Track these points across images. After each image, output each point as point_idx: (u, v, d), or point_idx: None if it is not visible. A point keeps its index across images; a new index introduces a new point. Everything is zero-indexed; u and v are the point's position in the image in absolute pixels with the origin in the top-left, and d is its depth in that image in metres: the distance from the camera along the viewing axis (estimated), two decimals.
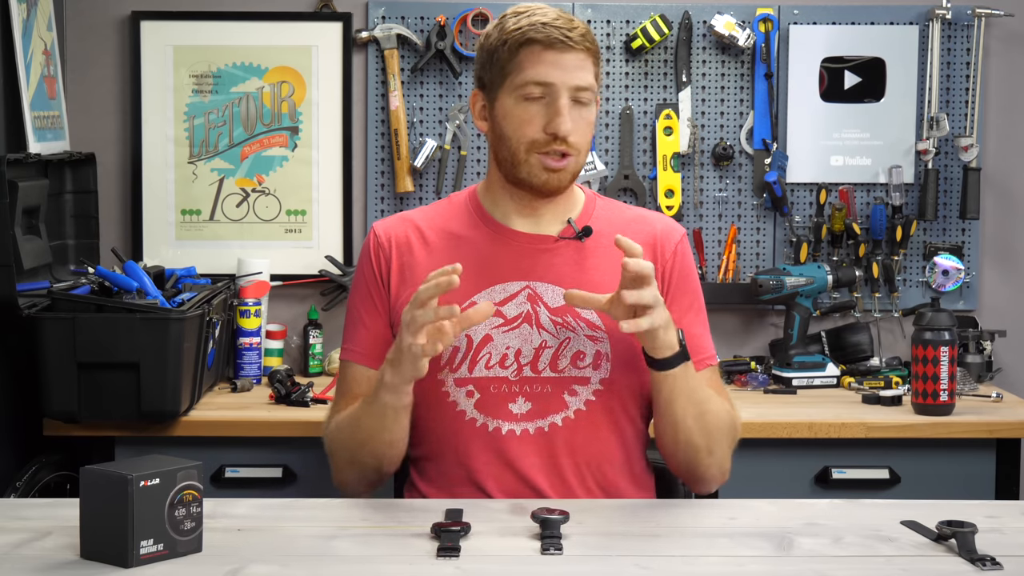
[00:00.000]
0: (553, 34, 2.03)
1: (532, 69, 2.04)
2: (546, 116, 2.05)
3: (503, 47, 2.07)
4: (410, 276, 2.14)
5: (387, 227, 2.20)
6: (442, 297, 2.01)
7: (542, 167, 2.07)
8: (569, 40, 2.04)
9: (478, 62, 2.14)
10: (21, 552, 1.70)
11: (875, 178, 3.44)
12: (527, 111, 2.06)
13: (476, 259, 2.12)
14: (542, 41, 2.04)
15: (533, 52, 2.04)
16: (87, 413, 2.77)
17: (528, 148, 2.06)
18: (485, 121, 2.14)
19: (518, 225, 2.15)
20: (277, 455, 2.89)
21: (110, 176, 3.41)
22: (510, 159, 2.09)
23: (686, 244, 2.21)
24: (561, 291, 2.10)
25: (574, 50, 2.04)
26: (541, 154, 2.06)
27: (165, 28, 3.40)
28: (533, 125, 2.05)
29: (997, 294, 3.50)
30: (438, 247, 2.16)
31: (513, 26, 2.07)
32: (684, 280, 2.18)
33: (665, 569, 1.67)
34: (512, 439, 2.08)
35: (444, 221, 2.19)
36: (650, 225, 2.20)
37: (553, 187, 2.10)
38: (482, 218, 2.16)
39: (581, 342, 2.09)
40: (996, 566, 1.66)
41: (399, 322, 2.12)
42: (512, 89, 2.06)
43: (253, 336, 3.25)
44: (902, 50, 3.43)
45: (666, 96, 3.44)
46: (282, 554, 1.70)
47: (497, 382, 2.08)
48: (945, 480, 2.91)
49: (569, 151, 2.06)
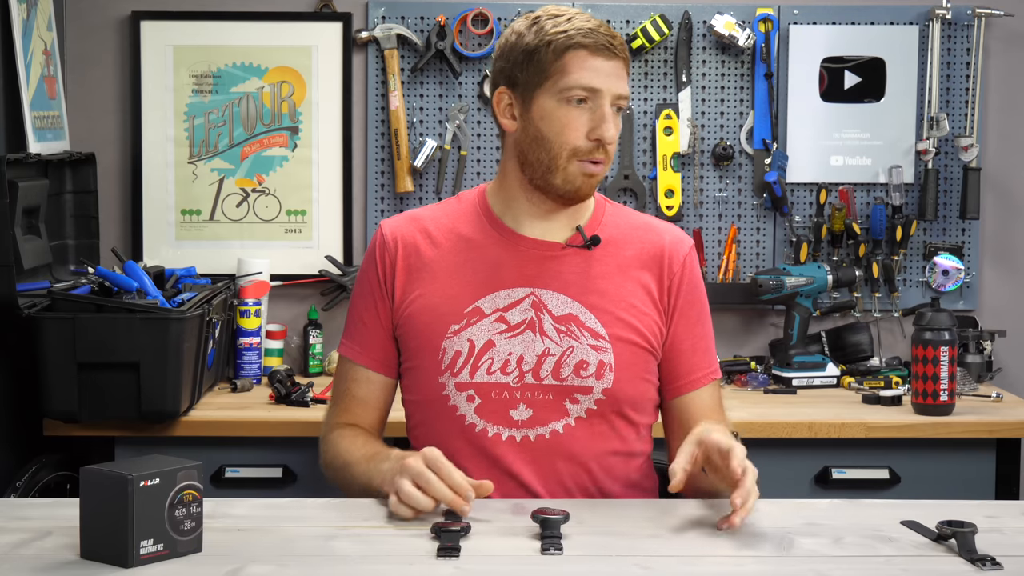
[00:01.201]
0: (601, 40, 2.03)
1: (579, 73, 2.03)
2: (591, 122, 2.04)
3: (547, 48, 2.04)
4: (416, 277, 2.13)
5: (394, 227, 2.18)
6: (447, 297, 2.03)
7: (581, 173, 2.06)
8: (613, 48, 2.04)
9: (506, 60, 2.10)
10: (21, 552, 1.70)
11: (875, 178, 3.44)
12: (570, 114, 2.04)
13: (482, 264, 2.12)
14: (589, 47, 2.03)
15: (579, 56, 2.03)
16: (87, 413, 2.77)
17: (571, 154, 2.05)
18: (513, 120, 2.11)
19: (527, 230, 2.13)
20: (277, 455, 2.89)
21: (110, 176, 3.41)
22: (547, 163, 2.07)
23: (694, 256, 2.20)
24: (566, 299, 2.10)
25: (617, 58, 2.05)
26: (581, 161, 2.05)
27: (165, 28, 3.40)
28: (577, 131, 2.04)
29: (997, 294, 3.50)
30: (445, 249, 2.14)
31: (556, 28, 2.05)
32: (692, 293, 2.17)
33: (665, 569, 1.66)
34: (512, 445, 2.08)
35: (452, 222, 2.17)
36: (658, 235, 2.18)
37: (585, 194, 2.09)
38: (490, 221, 2.15)
39: (584, 351, 2.08)
40: (996, 566, 1.66)
41: (403, 322, 2.12)
42: (556, 92, 2.04)
43: (253, 336, 3.25)
44: (902, 50, 3.43)
45: (666, 96, 3.44)
46: (282, 554, 1.70)
47: (498, 388, 2.08)
48: (945, 480, 2.91)
49: (607, 159, 2.07)
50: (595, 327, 2.09)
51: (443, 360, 2.08)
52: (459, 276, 2.12)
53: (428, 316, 2.10)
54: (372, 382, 2.17)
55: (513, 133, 2.11)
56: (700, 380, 2.16)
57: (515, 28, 2.11)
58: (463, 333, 2.08)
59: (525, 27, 2.09)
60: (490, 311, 2.09)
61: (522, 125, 2.09)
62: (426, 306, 2.10)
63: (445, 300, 2.11)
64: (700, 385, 2.16)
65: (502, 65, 2.12)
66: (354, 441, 2.12)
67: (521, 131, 2.10)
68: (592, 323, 2.09)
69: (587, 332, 2.09)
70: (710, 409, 2.16)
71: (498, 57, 2.13)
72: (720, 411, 2.19)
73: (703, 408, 2.16)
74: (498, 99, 2.12)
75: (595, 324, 2.09)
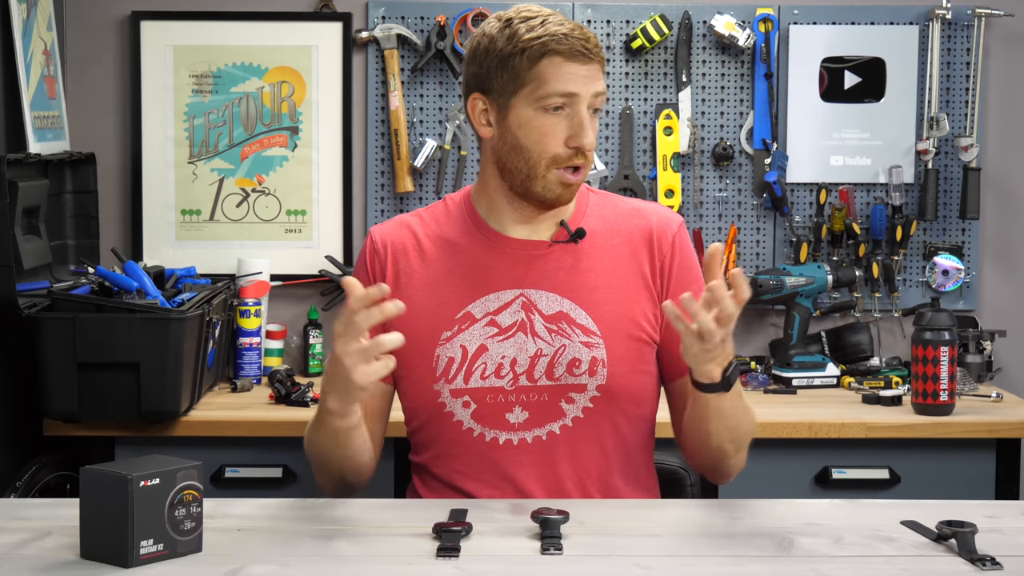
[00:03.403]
0: (575, 46, 2.01)
1: (555, 81, 2.01)
2: (569, 129, 2.02)
3: (521, 55, 2.01)
4: (406, 283, 2.12)
5: (384, 232, 2.17)
6: (438, 303, 2.02)
7: (559, 182, 2.04)
8: (588, 52, 2.02)
9: (479, 65, 2.06)
10: (21, 552, 1.70)
11: (875, 178, 3.44)
12: (547, 123, 2.02)
13: (470, 267, 2.11)
14: (564, 53, 2.01)
15: (554, 63, 2.01)
16: (87, 413, 2.77)
17: (549, 163, 2.03)
18: (489, 127, 2.08)
19: (513, 232, 2.12)
20: (277, 455, 2.89)
21: (110, 176, 3.41)
22: (526, 171, 2.05)
23: (684, 234, 2.17)
24: (555, 297, 2.09)
25: (592, 61, 2.03)
26: (560, 169, 2.04)
27: (165, 28, 3.40)
28: (556, 138, 2.02)
29: (997, 294, 3.50)
30: (433, 255, 2.13)
31: (531, 34, 2.02)
32: (685, 271, 2.15)
33: (665, 569, 1.67)
34: (510, 449, 2.07)
35: (440, 227, 2.16)
36: (645, 218, 2.16)
37: (565, 201, 2.08)
38: (476, 225, 2.14)
39: (576, 349, 2.07)
40: (996, 566, 1.66)
41: (394, 330, 2.10)
42: (533, 100, 2.02)
43: (253, 336, 3.25)
44: (902, 50, 3.43)
45: (666, 96, 3.44)
46: (282, 554, 1.70)
47: (493, 392, 2.07)
48: (945, 480, 2.91)
49: (586, 163, 2.06)
50: (586, 323, 2.08)
51: (437, 367, 2.07)
52: (448, 282, 2.11)
53: (420, 324, 2.08)
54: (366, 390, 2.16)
55: (490, 140, 2.09)
56: None
57: (486, 31, 2.07)
58: (456, 339, 2.08)
59: (497, 31, 2.05)
60: (481, 316, 2.08)
61: (499, 132, 2.07)
62: (417, 313, 2.08)
63: (436, 307, 2.09)
64: None
65: (475, 70, 2.08)
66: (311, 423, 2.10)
67: (499, 138, 2.07)
68: (583, 319, 2.08)
69: (578, 329, 2.08)
70: None
71: (470, 62, 2.09)
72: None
73: None
74: (472, 105, 2.09)
75: (586, 320, 2.08)
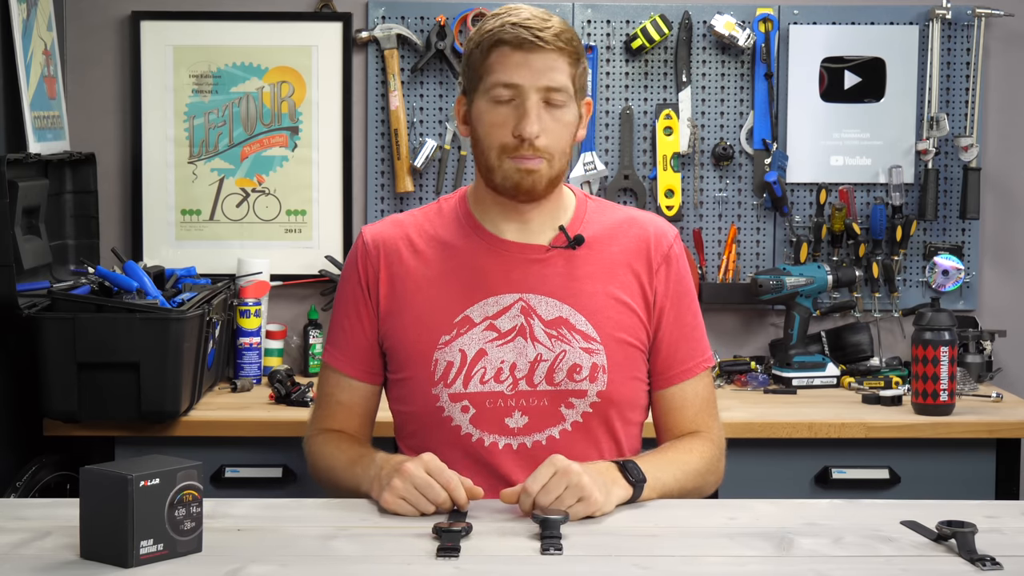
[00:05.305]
0: (522, 34, 1.99)
1: (501, 71, 2.00)
2: (515, 119, 2.01)
3: (476, 49, 2.04)
4: (400, 285, 2.12)
5: (376, 233, 2.16)
6: (435, 307, 2.02)
7: (515, 169, 2.02)
8: (539, 40, 1.99)
9: (462, 67, 2.12)
10: (21, 552, 1.70)
11: (875, 178, 3.44)
12: (497, 114, 2.02)
13: (467, 271, 2.10)
14: (510, 42, 2.00)
15: (503, 53, 2.01)
16: (87, 413, 2.77)
17: (499, 152, 2.03)
18: (467, 125, 2.11)
19: (508, 234, 2.11)
20: (277, 455, 2.89)
21: (110, 176, 3.41)
22: (485, 164, 2.06)
23: (680, 246, 2.18)
24: (555, 302, 2.08)
25: (544, 50, 1.99)
26: (513, 157, 2.02)
27: (165, 28, 3.40)
28: (503, 128, 2.01)
29: (997, 294, 3.50)
30: (429, 257, 2.12)
31: (486, 27, 2.04)
32: (680, 284, 2.15)
33: (665, 569, 1.66)
34: (508, 454, 2.07)
35: (435, 228, 2.15)
36: (642, 228, 2.16)
37: (527, 189, 2.04)
38: (472, 226, 2.13)
39: (577, 354, 2.07)
40: (996, 566, 1.66)
41: (391, 333, 2.10)
42: (484, 92, 2.03)
43: (253, 336, 3.25)
44: (902, 50, 3.43)
45: (666, 96, 3.44)
46: (282, 554, 1.70)
47: (493, 397, 2.07)
48: (945, 480, 2.91)
49: (539, 155, 2.02)
50: (586, 329, 2.08)
51: (435, 372, 2.07)
52: (446, 285, 2.10)
53: (417, 327, 2.08)
54: (356, 390, 2.17)
55: (468, 139, 2.12)
56: (686, 373, 2.14)
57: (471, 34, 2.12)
58: (454, 343, 2.07)
59: (473, 30, 2.10)
60: (480, 320, 2.08)
61: (471, 129, 2.10)
62: (414, 317, 2.09)
63: (433, 310, 2.09)
64: (686, 377, 2.15)
65: (461, 71, 2.13)
66: (339, 446, 2.12)
67: (471, 136, 2.10)
68: (583, 325, 2.08)
69: (578, 335, 2.08)
70: (698, 401, 2.15)
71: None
72: (707, 405, 2.17)
73: (689, 401, 2.15)
74: (457, 108, 2.13)
75: (586, 326, 2.08)
